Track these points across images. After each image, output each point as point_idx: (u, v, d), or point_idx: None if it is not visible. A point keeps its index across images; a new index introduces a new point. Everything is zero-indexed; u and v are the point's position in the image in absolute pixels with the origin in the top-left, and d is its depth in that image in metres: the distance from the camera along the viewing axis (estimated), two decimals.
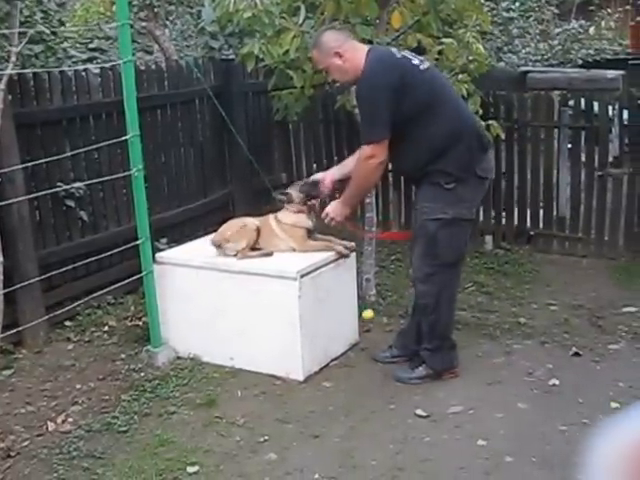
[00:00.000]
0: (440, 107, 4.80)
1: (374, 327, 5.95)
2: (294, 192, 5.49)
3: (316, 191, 5.41)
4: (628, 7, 17.76)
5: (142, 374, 5.28)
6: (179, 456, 4.30)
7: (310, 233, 5.47)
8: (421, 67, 4.79)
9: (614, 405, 4.70)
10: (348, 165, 5.25)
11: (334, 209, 5.09)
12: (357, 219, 6.69)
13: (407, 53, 4.92)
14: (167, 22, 10.28)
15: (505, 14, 12.12)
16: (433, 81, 4.88)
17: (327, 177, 5.33)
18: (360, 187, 5.01)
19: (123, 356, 5.56)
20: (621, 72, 8.83)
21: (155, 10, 8.57)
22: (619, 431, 1.26)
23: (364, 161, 4.75)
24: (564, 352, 5.43)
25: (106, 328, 6.00)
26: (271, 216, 5.56)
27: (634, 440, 1.23)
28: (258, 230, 5.44)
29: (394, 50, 4.92)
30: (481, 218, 7.71)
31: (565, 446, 4.27)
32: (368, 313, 5.44)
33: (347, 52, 4.76)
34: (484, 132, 5.31)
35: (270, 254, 5.37)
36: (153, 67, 7.09)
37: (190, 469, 4.18)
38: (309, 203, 5.46)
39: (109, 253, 5.75)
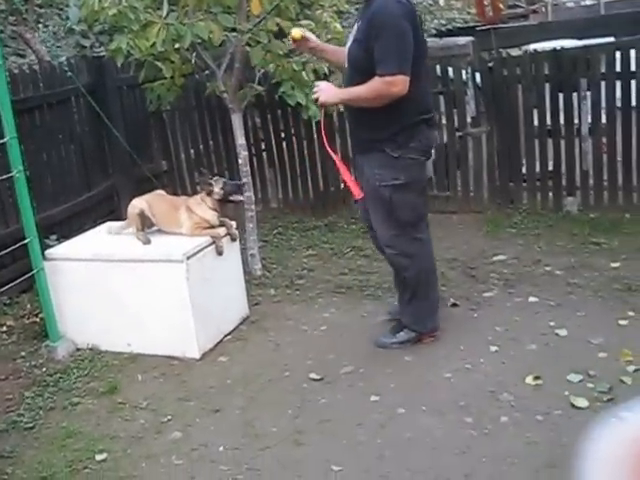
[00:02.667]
0: (421, 70, 4.52)
1: (262, 300, 5.91)
2: (217, 187, 5.36)
3: (238, 194, 5.41)
4: None
5: (43, 369, 5.09)
6: (87, 445, 4.17)
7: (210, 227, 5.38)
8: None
9: (493, 348, 4.78)
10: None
11: (328, 92, 4.62)
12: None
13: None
14: (38, 25, 9.93)
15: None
16: (424, 39, 4.68)
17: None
18: (362, 101, 4.45)
19: (23, 354, 5.35)
20: (471, 38, 8.94)
21: (23, 14, 8.24)
22: (616, 428, 1.18)
23: (385, 85, 4.28)
24: (443, 303, 5.44)
25: (4, 328, 5.75)
26: (185, 204, 5.43)
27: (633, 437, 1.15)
28: (142, 214, 5.36)
29: None
30: None
31: (451, 392, 4.34)
32: (296, 33, 4.84)
33: None
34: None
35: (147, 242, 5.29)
36: (27, 70, 6.82)
37: (99, 456, 4.06)
38: (227, 198, 5.40)
39: None
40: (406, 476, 3.63)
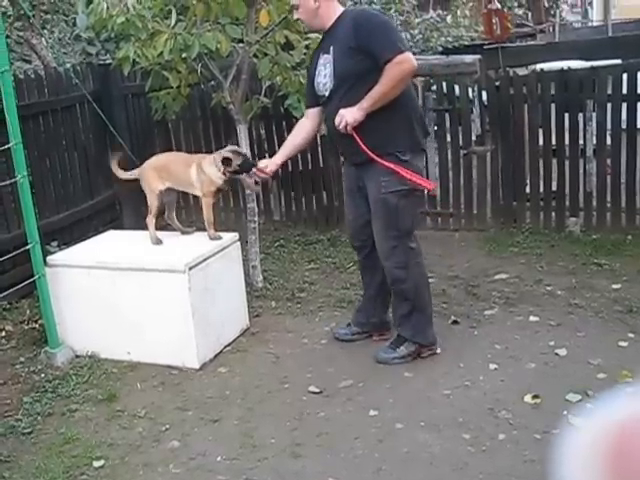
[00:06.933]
0: None
1: (263, 312, 5.95)
2: (235, 159, 5.40)
3: (249, 173, 5.39)
4: None
5: (42, 375, 5.12)
6: (84, 452, 4.20)
7: (218, 192, 5.66)
8: None
9: (493, 366, 4.81)
10: (289, 145, 5.17)
11: (352, 114, 4.58)
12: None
13: None
14: (44, 30, 9.99)
15: (367, 7, 12.18)
16: None
17: (271, 165, 5.16)
18: (387, 93, 4.52)
19: (22, 359, 5.38)
20: (478, 56, 9.00)
21: (30, 20, 8.29)
22: (596, 419, 1.20)
23: (399, 65, 4.43)
24: (444, 321, 5.50)
25: (3, 333, 5.78)
26: (196, 162, 5.55)
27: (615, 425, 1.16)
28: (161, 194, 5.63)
29: None
30: None
31: (450, 408, 4.37)
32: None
33: (324, 2, 4.69)
34: None
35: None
36: (32, 75, 6.89)
37: (96, 464, 4.08)
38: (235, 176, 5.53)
39: (0, 260, 5.57)
40: None
